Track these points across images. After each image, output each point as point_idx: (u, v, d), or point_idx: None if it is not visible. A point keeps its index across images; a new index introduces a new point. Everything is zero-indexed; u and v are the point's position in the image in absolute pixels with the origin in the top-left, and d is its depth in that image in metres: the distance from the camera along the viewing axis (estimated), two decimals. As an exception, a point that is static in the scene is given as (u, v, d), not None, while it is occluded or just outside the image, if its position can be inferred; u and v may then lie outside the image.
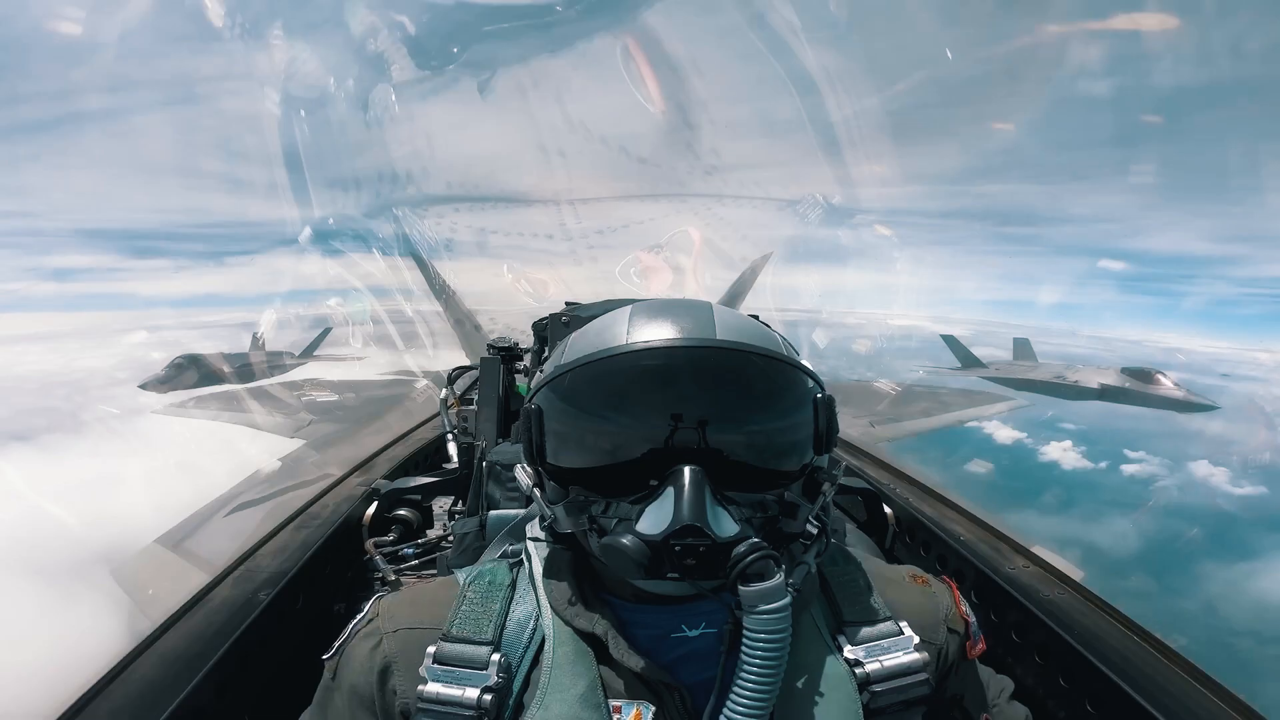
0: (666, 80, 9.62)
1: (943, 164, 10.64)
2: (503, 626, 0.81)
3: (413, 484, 2.20)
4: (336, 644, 0.87)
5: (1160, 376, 14.04)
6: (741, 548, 0.68)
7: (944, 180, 10.93)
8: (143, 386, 9.22)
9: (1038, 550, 1.79)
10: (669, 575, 0.70)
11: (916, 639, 0.83)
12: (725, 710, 0.69)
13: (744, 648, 0.68)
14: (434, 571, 1.88)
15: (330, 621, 1.79)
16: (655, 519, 0.69)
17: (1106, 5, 9.05)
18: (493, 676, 0.75)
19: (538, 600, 0.83)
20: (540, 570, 0.85)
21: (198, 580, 1.55)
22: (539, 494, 0.83)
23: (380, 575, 1.91)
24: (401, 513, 2.13)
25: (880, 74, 9.17)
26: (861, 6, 8.84)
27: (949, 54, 9.33)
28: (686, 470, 0.70)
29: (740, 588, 0.68)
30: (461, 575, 0.88)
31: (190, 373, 9.46)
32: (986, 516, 2.04)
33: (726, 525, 0.70)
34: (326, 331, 11.39)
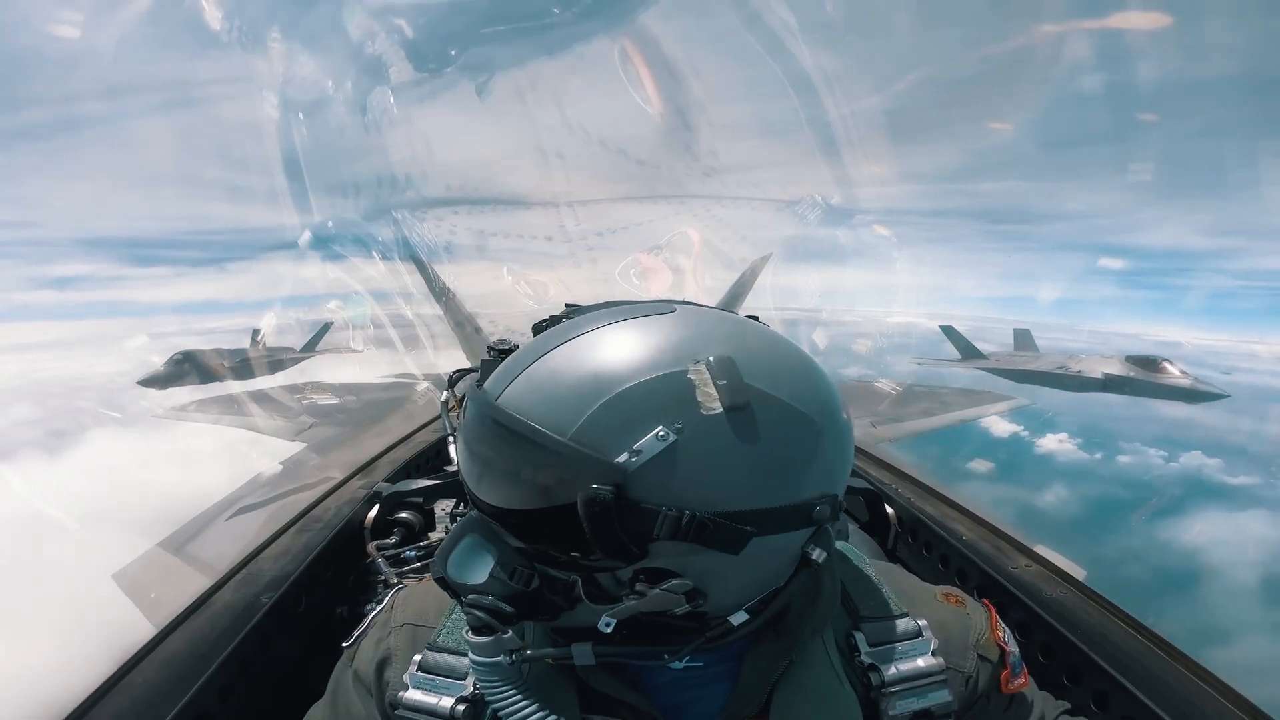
0: (664, 82, 9.64)
1: (941, 163, 10.66)
2: None
3: (414, 487, 2.20)
4: (356, 634, 0.89)
5: (1167, 364, 13.64)
6: (472, 597, 0.68)
7: (942, 179, 10.95)
8: (142, 383, 9.24)
9: (1040, 549, 1.79)
10: None
11: (936, 643, 0.81)
12: None
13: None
14: (436, 574, 1.88)
15: (332, 625, 1.79)
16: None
17: (1099, 5, 9.08)
18: (469, 687, 0.76)
19: None
20: None
21: (200, 584, 1.55)
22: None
23: (383, 578, 1.91)
24: (403, 515, 2.13)
25: (877, 74, 9.19)
26: (858, 7, 8.87)
27: (946, 54, 9.35)
28: (470, 514, 0.72)
29: (466, 635, 0.70)
30: None
31: (189, 369, 9.47)
32: (988, 516, 2.04)
33: (474, 574, 0.69)
34: (327, 327, 11.42)
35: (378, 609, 0.90)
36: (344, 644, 0.89)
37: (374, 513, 2.11)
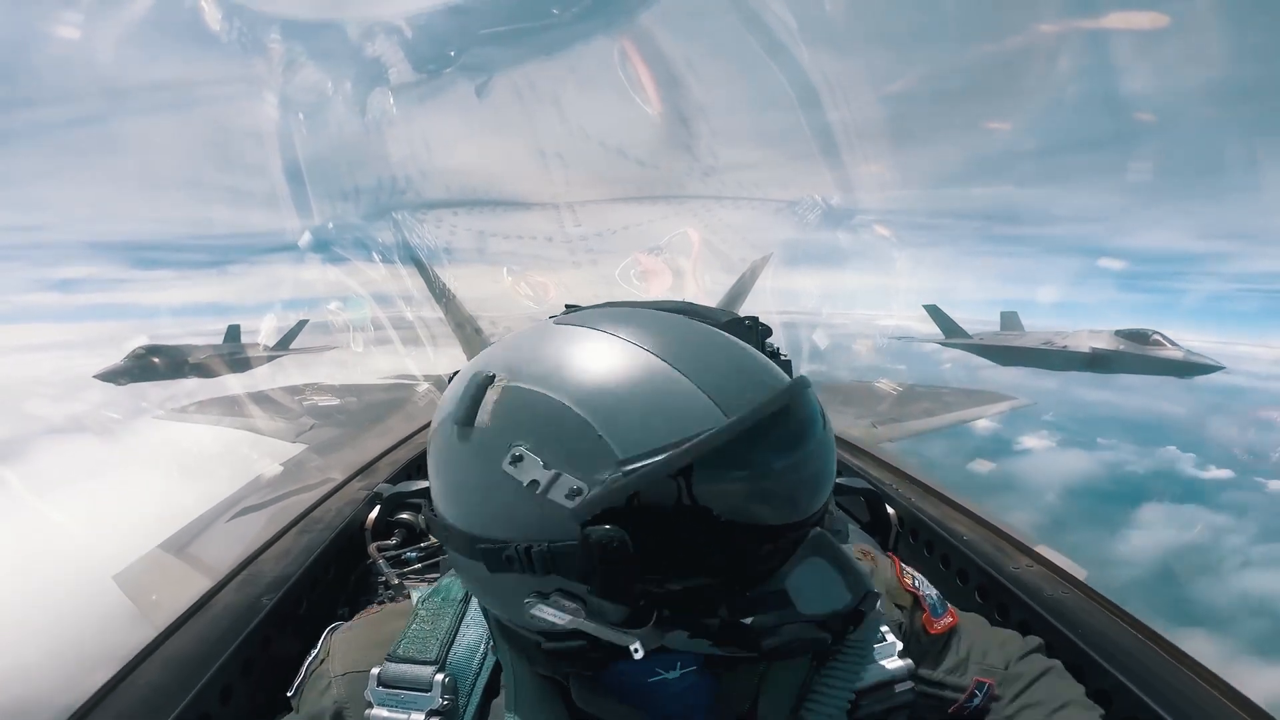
0: (664, 82, 9.65)
1: (939, 165, 10.68)
2: (450, 645, 0.77)
3: (416, 487, 2.20)
4: (296, 683, 0.84)
5: (1159, 337, 12.99)
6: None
7: (940, 181, 10.97)
8: (99, 377, 9.12)
9: (1041, 549, 1.79)
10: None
11: (900, 645, 0.82)
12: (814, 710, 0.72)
13: (843, 661, 0.73)
14: (436, 575, 1.88)
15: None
16: (822, 594, 0.63)
17: (1097, 8, 9.11)
18: (437, 699, 0.72)
19: (489, 620, 0.79)
20: None
21: (201, 585, 1.55)
22: (596, 626, 0.64)
23: (384, 579, 1.91)
24: (404, 516, 2.13)
25: (878, 76, 9.20)
26: (857, 9, 8.88)
27: (947, 57, 9.37)
28: (822, 534, 0.65)
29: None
30: (416, 595, 0.85)
31: (149, 364, 9.37)
32: (990, 516, 2.04)
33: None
34: (302, 324, 11.37)
35: (310, 657, 0.84)
36: (287, 694, 0.85)
37: (375, 513, 2.10)
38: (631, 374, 0.63)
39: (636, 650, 0.63)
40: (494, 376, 0.66)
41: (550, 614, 0.63)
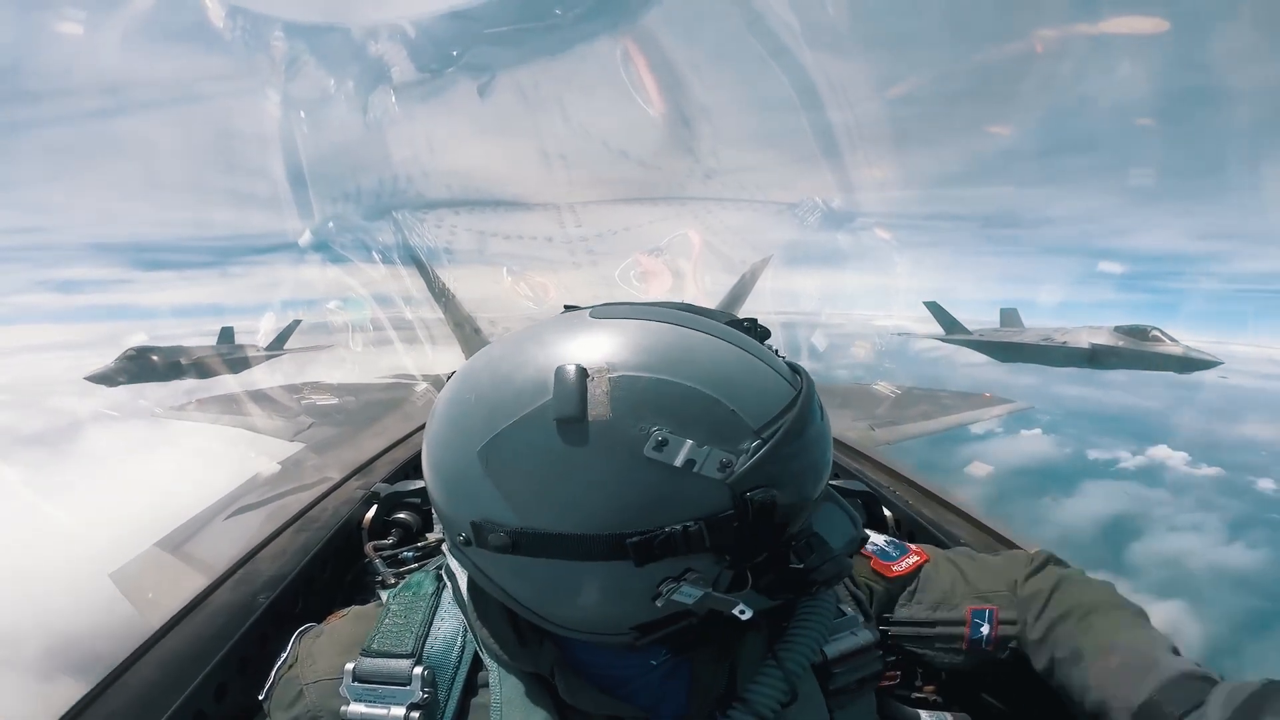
0: (667, 83, 9.65)
1: (939, 167, 10.72)
2: (425, 637, 0.76)
3: (412, 487, 2.19)
4: (266, 687, 0.82)
5: (1158, 332, 13.12)
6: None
7: (942, 183, 11.00)
8: (90, 379, 9.12)
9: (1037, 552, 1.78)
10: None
11: (862, 618, 0.83)
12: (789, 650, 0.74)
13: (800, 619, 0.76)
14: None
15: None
16: (840, 530, 0.71)
17: (1096, 13, 9.14)
18: (417, 692, 0.71)
19: (468, 617, 0.78)
20: (465, 594, 0.78)
21: (197, 583, 1.55)
22: (720, 597, 0.65)
23: (380, 579, 1.91)
24: (401, 516, 2.12)
25: (880, 79, 9.22)
26: (859, 12, 8.89)
27: (947, 60, 9.39)
28: (827, 484, 0.72)
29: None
30: (385, 594, 0.84)
31: (140, 366, 9.36)
32: (989, 520, 2.03)
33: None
34: (295, 324, 11.37)
35: (280, 661, 0.82)
36: (259, 697, 0.82)
37: (371, 513, 2.10)
38: (727, 357, 0.67)
39: (744, 613, 0.64)
40: (585, 370, 0.62)
41: (687, 593, 0.63)
